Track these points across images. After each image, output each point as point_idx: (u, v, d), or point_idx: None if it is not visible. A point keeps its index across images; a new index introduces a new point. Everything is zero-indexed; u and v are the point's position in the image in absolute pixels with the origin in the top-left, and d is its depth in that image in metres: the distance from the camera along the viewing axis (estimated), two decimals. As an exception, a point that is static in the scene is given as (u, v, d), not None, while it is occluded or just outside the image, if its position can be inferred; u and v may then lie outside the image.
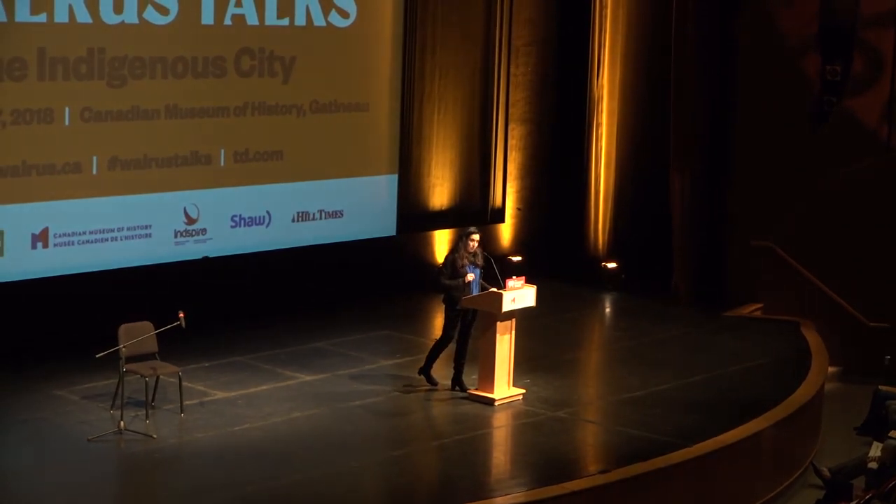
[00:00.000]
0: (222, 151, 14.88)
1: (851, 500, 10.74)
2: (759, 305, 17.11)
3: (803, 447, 13.41)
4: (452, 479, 11.20)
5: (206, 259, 14.76)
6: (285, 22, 15.23)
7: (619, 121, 17.98)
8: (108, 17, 13.68)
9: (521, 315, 12.93)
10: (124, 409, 11.64)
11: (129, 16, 13.84)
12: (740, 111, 17.24)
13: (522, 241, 18.19)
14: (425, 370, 13.11)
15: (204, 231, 14.79)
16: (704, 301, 17.05)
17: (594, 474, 11.12)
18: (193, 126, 14.56)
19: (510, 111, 17.77)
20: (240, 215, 15.13)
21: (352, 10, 15.85)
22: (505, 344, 12.74)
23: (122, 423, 11.52)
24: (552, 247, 18.07)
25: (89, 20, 13.54)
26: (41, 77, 13.27)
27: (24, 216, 13.33)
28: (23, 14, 13.05)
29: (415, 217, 16.87)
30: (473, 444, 11.94)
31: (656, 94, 17.59)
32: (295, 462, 11.15)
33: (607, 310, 17.42)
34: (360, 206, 16.23)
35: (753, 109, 17.15)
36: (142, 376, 11.82)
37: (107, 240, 13.97)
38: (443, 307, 13.22)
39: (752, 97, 17.15)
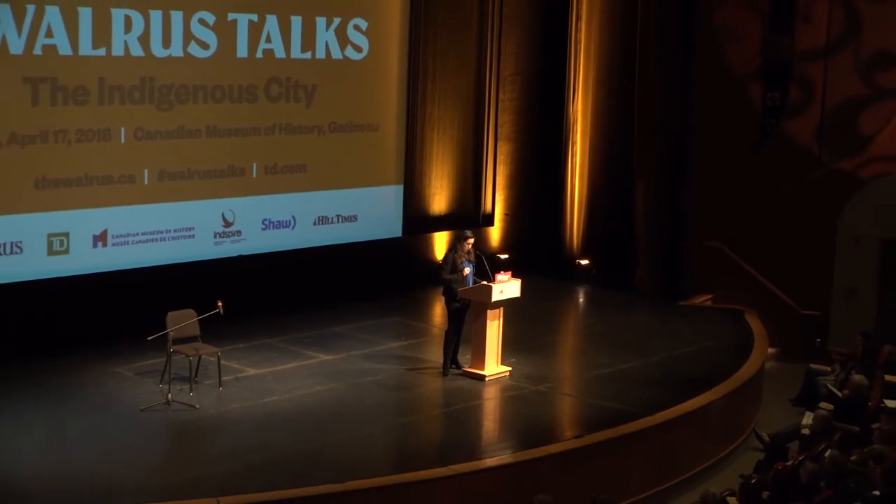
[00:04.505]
0: (254, 165, 14.92)
1: (787, 461, 10.78)
2: (709, 296, 17.12)
3: (747, 416, 13.46)
4: (450, 443, 11.26)
5: (240, 257, 14.80)
6: (308, 55, 15.26)
7: (591, 139, 18.00)
8: (158, 51, 13.72)
9: (508, 304, 12.95)
10: (171, 383, 11.70)
11: (176, 50, 13.88)
12: (695, 132, 17.26)
13: (509, 241, 18.20)
14: (446, 365, 12.91)
15: (239, 233, 14.83)
16: (663, 292, 17.07)
17: (570, 439, 11.17)
18: (230, 144, 14.58)
19: (499, 131, 17.78)
20: (269, 219, 15.15)
21: (364, 45, 15.89)
22: (494, 328, 12.78)
23: (169, 395, 11.59)
24: (534, 246, 18.07)
25: (142, 53, 13.58)
26: (101, 102, 13.30)
27: (86, 220, 13.35)
28: (86, 48, 13.09)
29: (418, 221, 16.86)
30: (467, 413, 11.99)
31: (623, 117, 17.61)
32: (317, 428, 11.20)
33: (581, 300, 17.44)
34: (371, 212, 16.23)
35: (706, 130, 17.17)
36: (186, 356, 11.88)
37: (156, 240, 13.99)
38: (441, 299, 13.23)
39: (705, 120, 17.17)
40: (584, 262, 17.97)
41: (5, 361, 12.36)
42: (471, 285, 12.77)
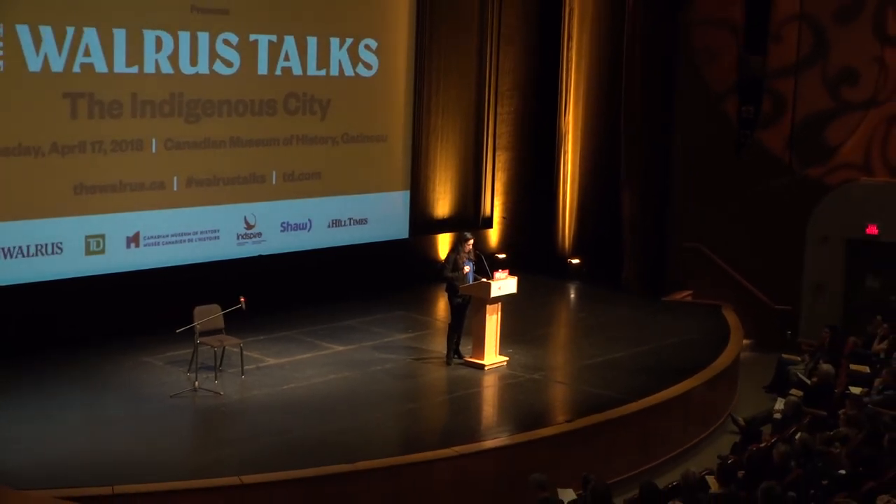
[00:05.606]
0: (274, 173, 14.90)
1: (761, 443, 10.77)
2: (689, 292, 17.12)
3: (724, 402, 13.45)
4: (452, 427, 11.26)
5: (261, 257, 14.79)
6: (323, 73, 15.25)
7: (581, 149, 17.98)
8: (186, 68, 13.71)
9: (506, 300, 12.94)
10: (198, 372, 11.70)
11: (202, 68, 13.87)
12: (676, 141, 17.25)
13: (507, 242, 18.19)
14: (449, 355, 12.87)
15: (260, 235, 14.82)
16: (648, 289, 17.03)
17: (562, 423, 11.17)
18: (251, 153, 14.57)
19: (497, 141, 17.77)
20: (287, 222, 15.14)
21: (374, 63, 15.88)
22: (493, 322, 12.76)
23: (196, 382, 11.61)
24: (530, 247, 18.07)
25: (171, 71, 13.57)
26: (134, 115, 13.29)
27: (120, 223, 13.34)
28: (120, 66, 13.09)
29: (423, 224, 16.85)
30: (468, 399, 11.99)
31: (610, 129, 17.60)
32: (331, 413, 11.19)
33: (572, 296, 17.42)
34: (380, 215, 16.21)
35: (686, 140, 17.16)
36: (212, 347, 11.89)
37: (184, 241, 13.97)
38: (444, 295, 13.19)
39: (685, 131, 17.17)
40: (576, 261, 17.95)
41: (47, 352, 12.40)
42: (471, 282, 12.75)
